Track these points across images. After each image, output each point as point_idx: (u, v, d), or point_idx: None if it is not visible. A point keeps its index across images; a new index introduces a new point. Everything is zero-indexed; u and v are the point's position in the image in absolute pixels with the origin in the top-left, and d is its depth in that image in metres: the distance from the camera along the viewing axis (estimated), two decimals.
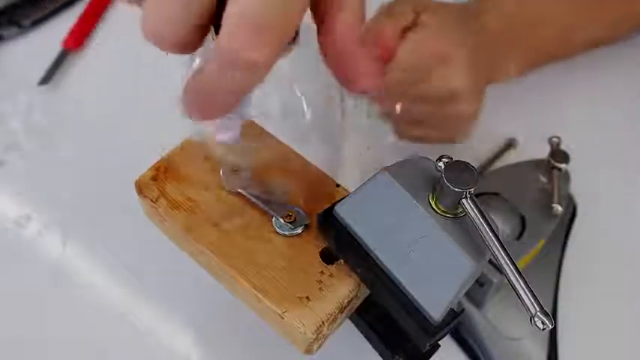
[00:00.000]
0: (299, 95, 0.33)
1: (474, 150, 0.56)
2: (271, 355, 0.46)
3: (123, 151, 0.55)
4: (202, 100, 0.26)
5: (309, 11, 0.28)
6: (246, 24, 0.24)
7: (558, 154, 0.47)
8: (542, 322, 0.27)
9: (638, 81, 0.63)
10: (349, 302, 0.34)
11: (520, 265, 0.44)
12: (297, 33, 0.28)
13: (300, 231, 0.35)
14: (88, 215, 0.53)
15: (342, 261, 0.34)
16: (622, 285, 0.51)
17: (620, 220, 0.54)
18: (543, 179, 0.48)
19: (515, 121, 0.59)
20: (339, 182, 0.38)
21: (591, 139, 0.57)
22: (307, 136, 0.35)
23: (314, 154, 0.38)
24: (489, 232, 0.28)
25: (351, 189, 0.34)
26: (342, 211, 0.33)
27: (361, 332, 0.38)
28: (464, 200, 0.29)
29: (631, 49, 0.65)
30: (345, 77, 0.28)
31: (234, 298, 0.36)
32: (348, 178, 0.47)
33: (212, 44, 0.26)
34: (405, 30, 0.48)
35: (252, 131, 0.38)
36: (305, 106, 0.33)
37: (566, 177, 0.48)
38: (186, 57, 0.28)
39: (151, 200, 0.36)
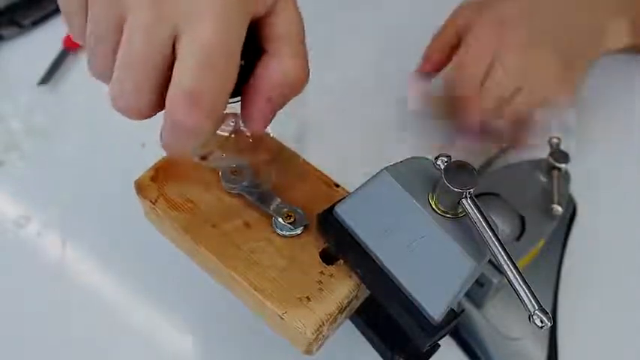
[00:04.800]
0: None
1: (473, 150, 0.56)
2: (271, 355, 0.46)
3: (123, 151, 0.55)
4: (169, 149, 0.30)
5: None
6: (183, 97, 0.27)
7: (558, 154, 0.47)
8: (541, 320, 0.27)
9: (638, 81, 0.63)
10: (349, 303, 0.34)
11: (520, 265, 0.44)
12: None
13: (299, 231, 0.35)
14: (87, 215, 0.53)
15: (342, 261, 0.34)
16: (622, 285, 0.51)
17: (619, 220, 0.54)
18: (543, 179, 0.48)
19: None
20: (339, 182, 0.38)
21: (591, 139, 0.57)
22: None
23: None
24: (489, 232, 0.28)
25: (351, 189, 0.34)
26: (342, 211, 0.33)
27: (361, 332, 0.38)
28: (464, 200, 0.29)
29: (631, 49, 0.65)
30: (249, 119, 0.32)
31: (234, 299, 0.35)
32: (348, 178, 0.47)
33: None
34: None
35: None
36: None
37: (566, 177, 0.48)
38: None
39: (151, 201, 0.36)
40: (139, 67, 0.27)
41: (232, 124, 0.35)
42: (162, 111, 0.29)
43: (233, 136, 0.35)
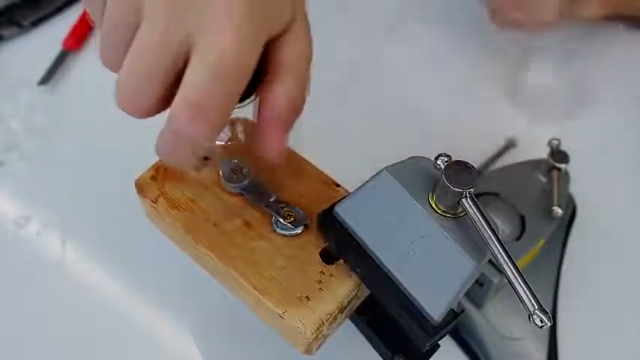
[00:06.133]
0: None
1: (473, 150, 0.56)
2: (271, 355, 0.46)
3: (123, 150, 0.55)
4: (164, 156, 0.30)
5: None
6: (187, 107, 0.26)
7: (558, 155, 0.47)
8: (541, 320, 0.27)
9: (638, 81, 0.63)
10: (349, 302, 0.34)
11: (520, 265, 0.44)
12: (255, 88, 0.30)
13: (300, 231, 0.35)
14: (87, 215, 0.53)
15: (342, 261, 0.34)
16: (621, 285, 0.51)
17: (619, 220, 0.54)
18: (543, 179, 0.48)
19: (515, 120, 0.59)
20: (339, 182, 0.38)
21: (591, 140, 0.57)
22: None
23: None
24: (489, 232, 0.28)
25: (351, 189, 0.34)
26: (342, 211, 0.33)
27: (361, 332, 0.38)
28: (464, 200, 0.29)
29: (631, 49, 0.65)
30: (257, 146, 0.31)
31: (234, 298, 0.36)
32: (348, 178, 0.47)
33: None
34: None
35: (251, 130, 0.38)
36: None
37: (566, 177, 0.48)
38: None
39: (151, 200, 0.36)
40: (148, 62, 0.27)
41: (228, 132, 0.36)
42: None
43: (230, 143, 0.36)
